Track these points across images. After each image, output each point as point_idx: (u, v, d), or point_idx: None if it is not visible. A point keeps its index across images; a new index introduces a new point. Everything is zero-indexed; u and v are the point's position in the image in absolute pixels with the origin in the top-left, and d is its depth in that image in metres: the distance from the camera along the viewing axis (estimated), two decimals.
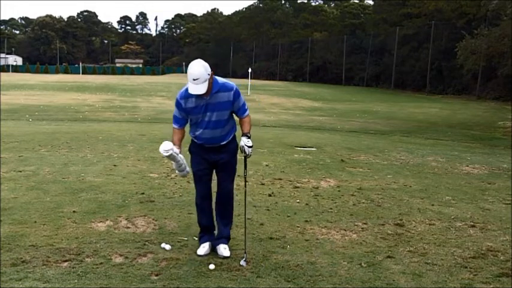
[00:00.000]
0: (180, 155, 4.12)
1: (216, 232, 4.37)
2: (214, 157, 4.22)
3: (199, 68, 3.89)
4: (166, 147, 3.99)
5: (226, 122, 4.17)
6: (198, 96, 4.00)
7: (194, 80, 3.87)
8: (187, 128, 4.26)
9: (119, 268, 3.79)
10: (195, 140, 4.24)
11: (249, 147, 4.13)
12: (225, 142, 4.21)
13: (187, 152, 4.30)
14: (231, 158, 4.29)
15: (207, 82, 3.90)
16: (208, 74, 3.91)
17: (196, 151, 4.27)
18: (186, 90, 4.03)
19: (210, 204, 4.33)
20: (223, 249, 4.19)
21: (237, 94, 4.14)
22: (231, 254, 4.16)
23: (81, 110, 20.54)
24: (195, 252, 4.18)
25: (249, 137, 4.16)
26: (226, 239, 4.30)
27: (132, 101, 26.83)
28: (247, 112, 4.26)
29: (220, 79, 4.12)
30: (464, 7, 40.92)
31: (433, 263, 4.11)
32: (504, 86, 35.68)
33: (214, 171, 4.32)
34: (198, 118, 4.10)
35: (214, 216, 4.39)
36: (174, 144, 4.12)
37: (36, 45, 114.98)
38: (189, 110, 4.09)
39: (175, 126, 4.20)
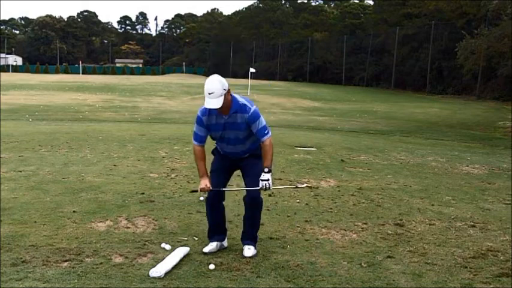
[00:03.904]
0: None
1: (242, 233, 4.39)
2: (237, 162, 4.31)
3: (214, 82, 3.92)
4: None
5: (246, 138, 4.17)
6: (218, 114, 4.04)
7: (209, 94, 3.90)
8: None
9: (119, 268, 3.79)
10: (219, 150, 4.33)
11: (269, 185, 4.05)
12: (248, 154, 4.26)
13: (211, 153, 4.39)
14: (256, 160, 4.24)
15: (222, 97, 3.91)
16: (224, 89, 3.92)
17: (218, 154, 4.36)
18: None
19: (219, 203, 4.28)
20: (247, 250, 4.20)
21: (252, 118, 4.07)
22: (252, 255, 4.14)
23: (81, 110, 20.54)
24: (195, 252, 4.18)
25: (269, 171, 4.06)
26: (251, 240, 4.27)
27: (132, 101, 26.82)
28: (266, 136, 4.12)
29: (240, 99, 4.11)
30: (464, 7, 40.87)
31: (433, 263, 4.11)
32: (504, 86, 35.65)
33: (240, 175, 4.38)
34: (218, 134, 4.17)
35: (243, 216, 4.37)
36: (202, 175, 4.13)
37: (36, 45, 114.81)
38: (210, 127, 4.14)
39: (195, 143, 4.22)
